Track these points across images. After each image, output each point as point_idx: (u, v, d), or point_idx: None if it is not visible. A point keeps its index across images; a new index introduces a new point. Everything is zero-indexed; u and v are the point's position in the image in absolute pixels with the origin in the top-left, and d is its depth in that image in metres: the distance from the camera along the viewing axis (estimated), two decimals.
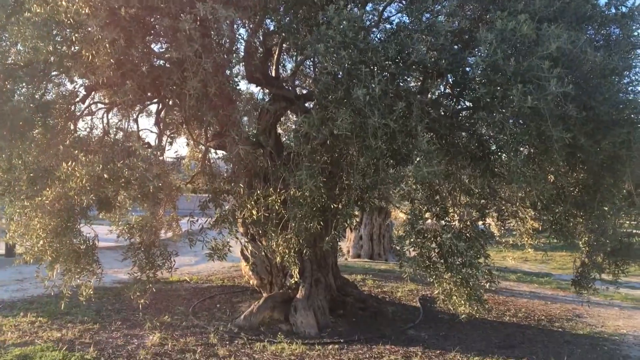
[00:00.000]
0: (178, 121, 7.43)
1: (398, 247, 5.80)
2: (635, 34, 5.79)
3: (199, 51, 4.94)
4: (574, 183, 6.18)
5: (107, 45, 5.09)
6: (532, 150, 5.36)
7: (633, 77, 5.63)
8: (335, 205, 6.35)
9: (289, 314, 7.70)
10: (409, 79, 5.83)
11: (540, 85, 4.41)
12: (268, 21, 7.31)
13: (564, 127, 4.59)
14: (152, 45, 6.19)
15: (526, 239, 7.95)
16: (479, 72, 5.07)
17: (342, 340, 7.07)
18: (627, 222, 6.95)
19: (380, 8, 6.89)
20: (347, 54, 4.83)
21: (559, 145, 4.62)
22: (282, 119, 10.23)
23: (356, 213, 6.99)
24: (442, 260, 5.62)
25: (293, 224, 6.01)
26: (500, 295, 10.59)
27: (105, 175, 5.35)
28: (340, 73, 5.18)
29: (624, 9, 5.76)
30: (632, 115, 5.21)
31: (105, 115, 7.79)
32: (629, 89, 5.50)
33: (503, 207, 7.08)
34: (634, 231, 7.42)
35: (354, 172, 5.71)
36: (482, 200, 6.69)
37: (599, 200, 5.66)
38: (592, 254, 6.73)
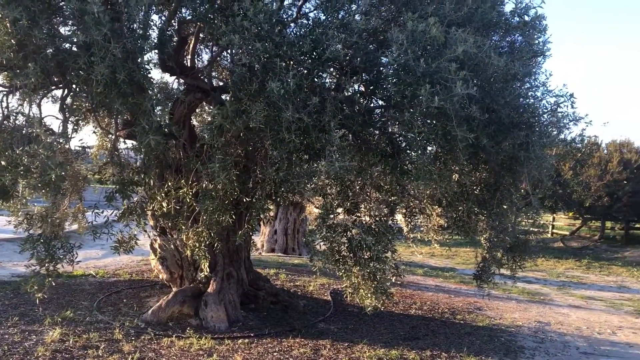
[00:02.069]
0: (85, 108, 7.09)
1: (309, 240, 5.86)
2: (536, 42, 6.16)
3: (107, 35, 4.74)
4: (477, 182, 6.49)
5: (7, 24, 4.78)
6: (438, 149, 5.57)
7: (533, 83, 6.00)
8: (249, 199, 6.32)
9: (199, 308, 7.58)
10: (324, 75, 5.89)
11: (447, 87, 4.59)
12: (184, 9, 7.16)
13: (468, 127, 4.81)
14: (60, 28, 5.88)
15: (432, 235, 8.26)
16: (391, 71, 5.21)
17: (252, 335, 7.06)
18: (525, 220, 7.39)
19: (299, 3, 6.93)
20: (262, 46, 4.81)
21: (463, 145, 4.82)
22: (197, 110, 10.04)
23: (270, 207, 6.98)
24: (351, 255, 5.74)
25: (204, 217, 5.92)
26: (407, 289, 10.95)
27: (3, 163, 5.04)
28: (256, 65, 5.16)
29: (526, 18, 6.11)
30: (531, 119, 5.54)
31: (4, 99, 7.30)
32: (529, 94, 5.85)
33: (411, 204, 7.32)
34: (531, 229, 7.92)
35: (268, 166, 5.71)
36: (393, 197, 6.88)
37: (499, 198, 5.98)
38: (492, 249, 7.10)
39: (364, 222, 6.13)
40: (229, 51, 7.60)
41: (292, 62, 5.18)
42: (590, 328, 8.82)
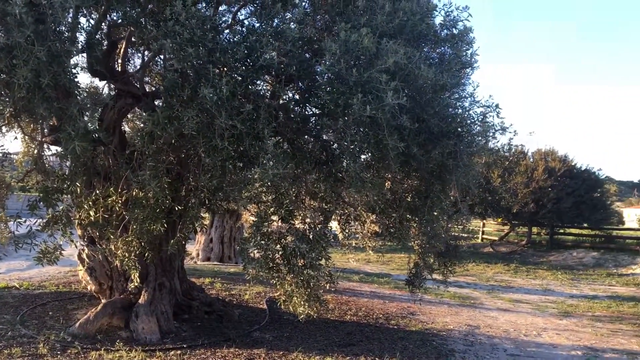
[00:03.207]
0: (9, 113, 6.77)
1: (243, 248, 5.79)
2: (465, 54, 6.37)
3: (31, 38, 4.55)
4: (408, 189, 6.64)
5: None
6: (370, 157, 5.66)
7: (461, 94, 6.19)
8: (181, 207, 6.21)
9: (129, 320, 7.35)
10: (258, 82, 5.87)
11: (378, 96, 4.68)
12: (114, 12, 6.99)
13: (399, 136, 4.91)
14: None
15: (367, 242, 8.37)
16: (325, 80, 5.26)
17: (185, 346, 6.91)
18: (455, 226, 7.61)
19: (234, 9, 6.89)
20: (194, 52, 4.75)
21: (394, 153, 4.92)
22: (130, 116, 9.77)
23: (203, 215, 6.88)
24: (285, 262, 5.72)
25: (134, 226, 5.77)
26: (343, 295, 11.04)
27: None
28: (189, 71, 5.09)
29: (455, 31, 6.32)
30: (459, 129, 5.72)
31: None
32: (457, 104, 6.03)
33: (346, 211, 7.39)
34: (461, 234, 8.18)
35: (201, 173, 5.63)
36: (328, 204, 6.93)
37: (429, 205, 6.13)
38: (424, 255, 7.27)
39: (298, 230, 6.13)
40: (161, 56, 7.47)
41: (225, 69, 5.14)
42: (517, 330, 9.16)
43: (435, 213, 6.35)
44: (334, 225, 7.94)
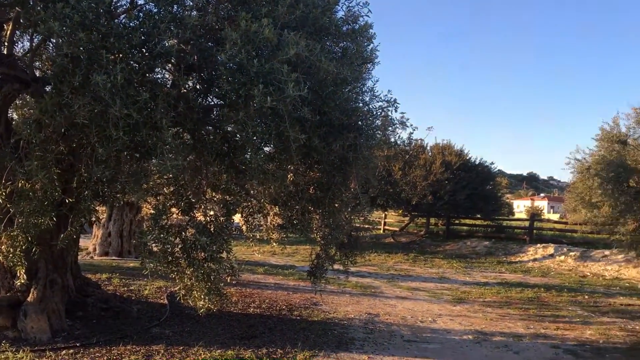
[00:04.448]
0: None
1: (141, 242, 5.60)
2: (365, 49, 6.51)
3: None
4: (310, 181, 6.70)
5: None
6: (272, 149, 5.66)
7: (361, 88, 6.33)
8: (72, 200, 5.89)
9: (17, 319, 6.90)
10: (156, 70, 5.68)
11: (280, 88, 4.67)
12: None
13: (301, 128, 4.94)
14: None
15: (271, 234, 8.37)
16: (226, 70, 5.18)
17: (78, 344, 6.58)
18: (356, 218, 7.78)
19: None
20: (86, 36, 4.50)
21: (295, 145, 4.95)
22: (18, 102, 9.14)
23: (97, 208, 6.57)
24: (185, 256, 5.60)
25: (20, 220, 5.40)
26: (247, 288, 10.99)
27: None
28: (82, 57, 4.83)
29: (356, 26, 6.44)
30: (359, 122, 5.85)
31: None
32: (358, 98, 6.16)
33: (249, 203, 7.34)
34: (362, 226, 8.38)
35: (94, 164, 5.36)
36: (230, 196, 6.85)
37: (331, 197, 6.23)
38: (326, 247, 7.38)
39: (199, 222, 6.02)
40: (53, 40, 7.03)
41: (120, 55, 4.92)
42: (414, 317, 9.54)
43: (337, 205, 6.46)
44: (237, 217, 7.88)
